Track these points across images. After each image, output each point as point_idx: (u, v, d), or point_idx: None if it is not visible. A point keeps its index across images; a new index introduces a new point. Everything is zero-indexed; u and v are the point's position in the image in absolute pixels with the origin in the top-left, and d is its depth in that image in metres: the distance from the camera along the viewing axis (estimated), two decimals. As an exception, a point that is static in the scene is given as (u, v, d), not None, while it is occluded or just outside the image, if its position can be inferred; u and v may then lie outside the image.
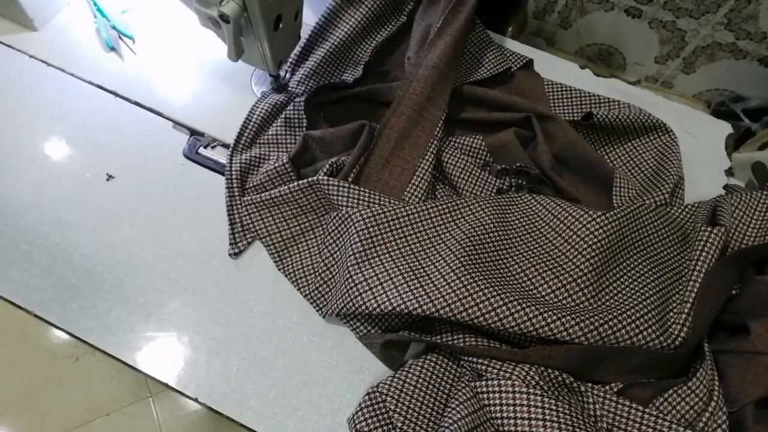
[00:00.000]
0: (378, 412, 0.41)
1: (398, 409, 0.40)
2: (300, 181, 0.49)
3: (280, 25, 0.47)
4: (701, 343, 0.44)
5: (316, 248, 0.49)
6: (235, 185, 0.51)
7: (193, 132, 0.56)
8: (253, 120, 0.54)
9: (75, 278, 0.47)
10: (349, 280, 0.44)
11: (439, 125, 0.53)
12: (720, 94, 1.52)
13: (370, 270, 0.44)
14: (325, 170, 0.49)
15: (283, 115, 0.55)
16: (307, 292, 0.48)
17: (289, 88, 0.57)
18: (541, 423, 0.37)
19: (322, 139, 0.52)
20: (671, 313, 0.44)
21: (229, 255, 0.49)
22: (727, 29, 1.33)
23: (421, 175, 0.51)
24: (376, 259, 0.45)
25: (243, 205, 0.50)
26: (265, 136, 0.54)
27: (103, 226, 0.50)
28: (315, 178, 0.48)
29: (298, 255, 0.49)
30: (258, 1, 0.43)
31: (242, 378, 0.45)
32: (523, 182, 0.54)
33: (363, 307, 0.42)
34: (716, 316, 0.46)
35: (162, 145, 0.55)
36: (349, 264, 0.44)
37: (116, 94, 0.57)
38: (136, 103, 0.57)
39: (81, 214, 0.51)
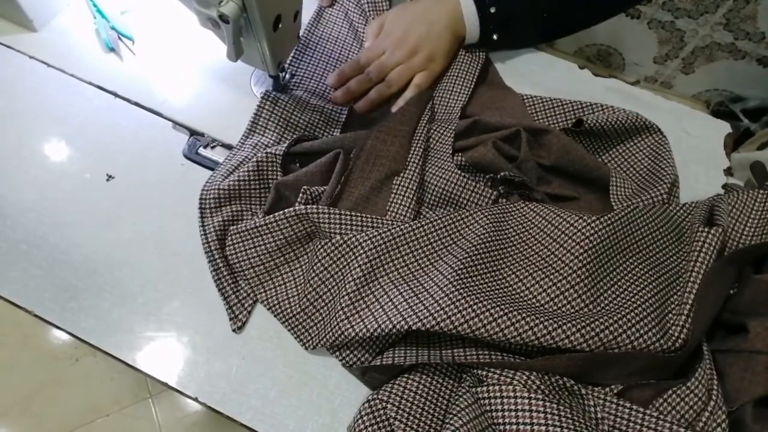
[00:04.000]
0: (379, 419, 0.40)
1: (399, 416, 0.40)
2: (286, 210, 0.47)
3: (280, 26, 0.47)
4: (700, 343, 0.44)
5: (301, 278, 0.47)
6: (217, 256, 0.47)
7: (192, 132, 0.56)
8: (222, 171, 0.52)
9: (75, 278, 0.47)
10: (351, 306, 0.43)
11: (420, 137, 0.53)
12: (719, 94, 1.52)
13: (371, 295, 0.44)
14: (299, 199, 0.48)
15: (254, 162, 0.51)
16: (294, 323, 0.46)
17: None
18: (543, 429, 0.37)
19: (296, 183, 0.50)
20: (670, 315, 0.44)
21: (233, 330, 0.46)
22: (726, 29, 1.33)
23: (405, 184, 0.50)
24: (375, 282, 0.45)
25: (229, 234, 0.48)
26: (235, 188, 0.50)
27: (102, 227, 0.50)
28: (302, 208, 0.46)
29: (283, 285, 0.47)
30: (257, 2, 0.43)
31: (242, 377, 0.45)
32: (512, 190, 0.53)
33: (364, 330, 0.42)
34: (715, 316, 0.46)
35: (162, 145, 0.55)
36: (349, 290, 0.44)
37: (116, 95, 0.58)
38: (136, 104, 0.57)
39: (81, 214, 0.51)
